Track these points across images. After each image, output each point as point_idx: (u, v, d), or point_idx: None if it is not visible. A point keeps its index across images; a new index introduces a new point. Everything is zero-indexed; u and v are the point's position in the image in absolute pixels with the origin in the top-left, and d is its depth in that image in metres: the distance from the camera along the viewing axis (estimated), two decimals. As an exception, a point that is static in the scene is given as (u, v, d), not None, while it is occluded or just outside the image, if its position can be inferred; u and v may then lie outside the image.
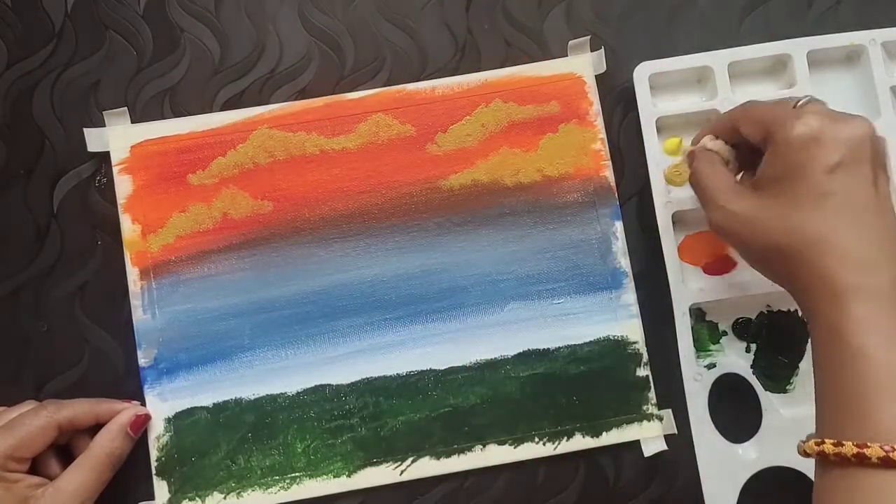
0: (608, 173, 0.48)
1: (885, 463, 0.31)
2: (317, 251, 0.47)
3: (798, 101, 0.37)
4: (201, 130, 0.48)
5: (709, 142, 0.41)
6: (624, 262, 0.48)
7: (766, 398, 0.46)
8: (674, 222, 0.47)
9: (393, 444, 0.46)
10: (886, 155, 0.38)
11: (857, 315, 0.34)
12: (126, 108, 0.48)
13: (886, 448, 0.32)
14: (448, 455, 0.46)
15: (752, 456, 0.45)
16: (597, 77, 0.49)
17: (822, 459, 0.34)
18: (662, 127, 0.48)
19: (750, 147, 0.39)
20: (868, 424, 0.33)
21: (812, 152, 0.35)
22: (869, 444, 0.32)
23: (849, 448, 0.32)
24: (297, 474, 0.46)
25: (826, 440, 0.33)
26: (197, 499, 0.46)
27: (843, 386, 0.34)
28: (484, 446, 0.46)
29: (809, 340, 0.39)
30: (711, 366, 0.46)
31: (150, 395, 0.46)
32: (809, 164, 0.35)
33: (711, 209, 0.39)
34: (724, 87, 0.47)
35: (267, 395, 0.47)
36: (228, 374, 0.47)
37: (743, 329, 0.48)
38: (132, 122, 0.48)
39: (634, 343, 0.47)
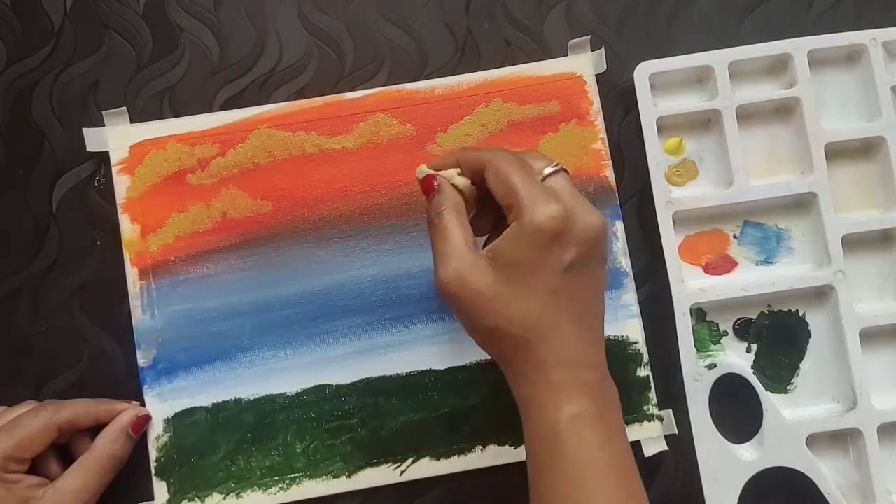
0: (608, 173, 0.48)
1: None
2: (317, 251, 0.47)
3: (545, 174, 0.37)
4: (201, 130, 0.48)
5: (457, 176, 0.38)
6: (624, 262, 0.48)
7: (767, 398, 0.46)
8: (674, 222, 0.47)
9: (393, 444, 0.46)
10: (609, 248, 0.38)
11: (573, 412, 0.35)
12: (125, 107, 0.48)
13: None
14: (448, 455, 0.46)
15: (753, 456, 0.45)
16: (597, 77, 0.49)
17: None
18: (663, 127, 0.48)
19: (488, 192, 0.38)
20: None
21: (552, 248, 0.35)
22: None
23: None
24: (297, 475, 0.46)
25: None
26: (196, 499, 0.46)
27: (559, 485, 0.35)
28: (484, 446, 0.46)
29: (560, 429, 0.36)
30: (712, 366, 0.46)
31: (149, 396, 0.46)
32: (548, 260, 0.35)
33: (444, 268, 0.36)
34: (725, 87, 0.47)
35: (266, 395, 0.46)
36: (228, 375, 0.47)
37: (743, 329, 0.47)
38: (131, 121, 0.48)
39: (635, 343, 0.47)
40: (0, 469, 0.40)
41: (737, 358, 0.47)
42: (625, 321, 0.47)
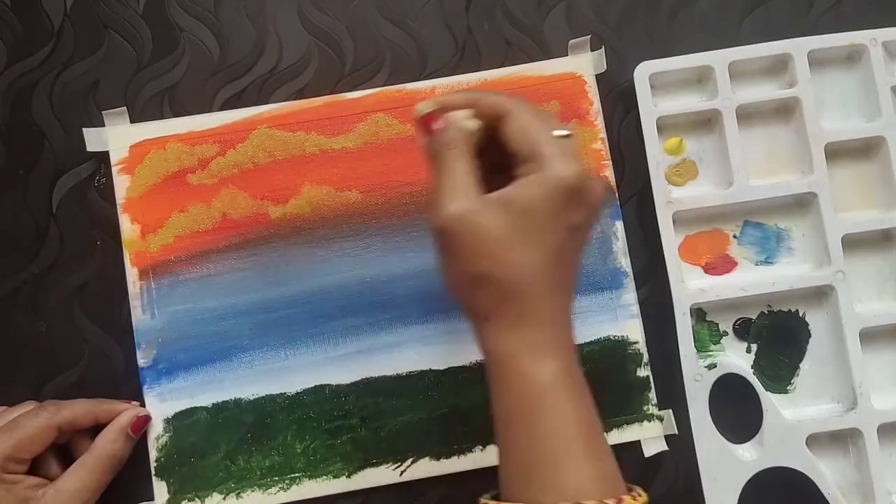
0: (608, 173, 0.48)
1: None
2: (317, 251, 0.47)
3: (558, 134, 0.36)
4: (201, 130, 0.48)
5: (467, 120, 0.36)
6: (624, 262, 0.48)
7: (767, 398, 0.46)
8: (674, 222, 0.47)
9: (393, 444, 0.46)
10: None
11: (554, 369, 0.35)
12: (125, 107, 0.48)
13: None
14: (448, 455, 0.46)
15: (753, 456, 0.45)
16: (597, 77, 0.49)
17: None
18: (663, 127, 0.48)
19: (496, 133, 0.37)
20: (558, 485, 0.33)
21: (567, 205, 0.35)
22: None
23: None
24: (297, 475, 0.46)
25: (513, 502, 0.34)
26: (196, 499, 0.46)
27: (534, 443, 0.35)
28: (484, 446, 0.46)
29: (525, 386, 0.35)
30: (712, 366, 0.46)
31: (149, 396, 0.46)
32: (560, 216, 0.35)
33: (449, 204, 0.34)
34: (725, 87, 0.47)
35: (266, 395, 0.46)
36: (228, 375, 0.46)
37: (743, 329, 0.47)
38: (131, 121, 0.48)
39: (635, 343, 0.47)
40: (0, 469, 0.40)
41: (737, 358, 0.47)
42: (625, 321, 0.47)
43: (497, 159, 0.36)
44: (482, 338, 0.37)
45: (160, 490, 0.46)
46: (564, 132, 0.36)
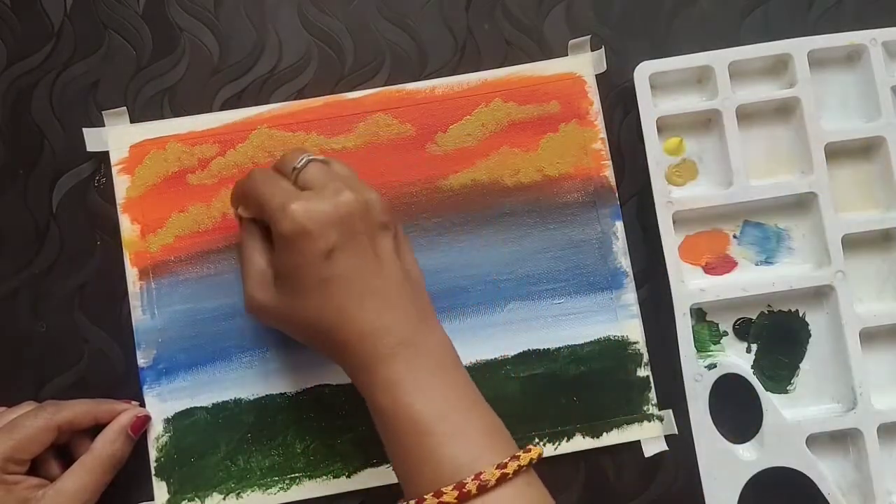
0: (608, 173, 0.48)
1: (462, 498, 0.34)
2: (316, 251, 0.47)
3: (296, 168, 0.39)
4: (200, 130, 0.48)
5: (243, 211, 0.41)
6: (624, 262, 0.48)
7: (767, 399, 0.46)
8: (674, 222, 0.47)
9: (393, 444, 0.46)
10: (384, 211, 0.39)
11: (389, 378, 0.37)
12: (125, 107, 0.48)
13: (458, 485, 0.34)
14: (448, 455, 0.46)
15: (753, 456, 0.45)
16: (597, 77, 0.49)
17: None
18: (663, 127, 0.48)
19: None
20: (436, 473, 0.35)
21: (303, 246, 0.37)
22: (443, 489, 0.34)
23: (431, 501, 0.34)
24: (297, 475, 0.46)
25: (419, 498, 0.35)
26: (196, 499, 0.46)
27: (405, 449, 0.36)
28: (484, 447, 0.46)
29: None
30: (712, 366, 0.46)
31: (149, 396, 0.46)
32: (305, 257, 0.37)
33: (246, 296, 0.40)
34: (725, 87, 0.47)
35: (266, 395, 0.46)
36: (228, 375, 0.46)
37: (743, 329, 0.47)
38: (131, 121, 0.48)
39: (635, 343, 0.47)
40: (0, 470, 0.40)
41: (737, 358, 0.47)
42: (625, 321, 0.47)
43: None
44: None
45: (160, 490, 0.46)
46: (301, 164, 0.39)
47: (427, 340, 0.39)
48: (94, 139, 0.48)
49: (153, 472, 0.46)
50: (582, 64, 0.49)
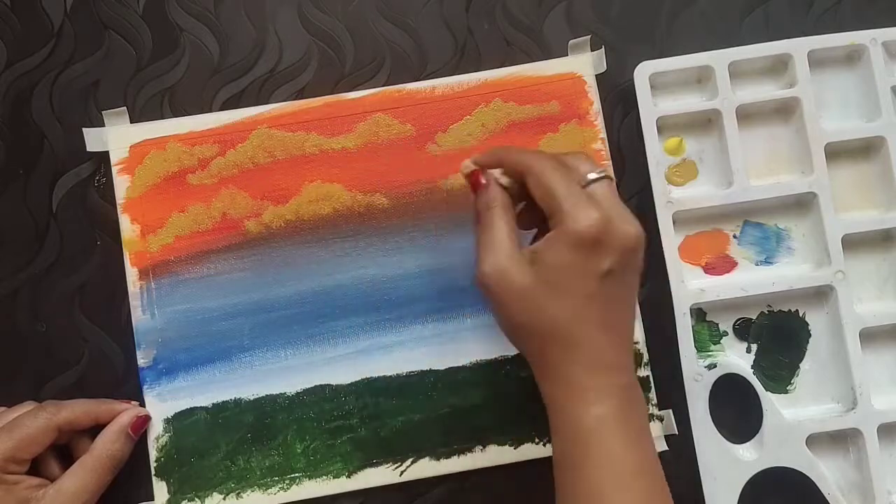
0: (608, 173, 0.48)
1: None
2: (317, 251, 0.47)
3: (589, 180, 0.37)
4: (200, 130, 0.48)
5: (501, 176, 0.39)
6: (624, 262, 0.47)
7: (767, 398, 0.46)
8: (674, 222, 0.47)
9: (393, 444, 0.46)
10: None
11: (599, 414, 0.36)
12: (125, 107, 0.48)
13: None
14: (448, 455, 0.46)
15: (753, 456, 0.45)
16: (597, 77, 0.49)
17: None
18: (663, 127, 0.48)
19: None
20: None
21: (590, 255, 0.36)
22: None
23: None
24: (297, 475, 0.46)
25: None
26: (196, 499, 0.46)
27: (582, 484, 0.36)
28: (484, 446, 0.46)
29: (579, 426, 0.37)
30: (712, 366, 0.46)
31: (149, 396, 0.46)
32: (586, 266, 0.36)
33: (486, 261, 0.37)
34: (725, 86, 0.47)
35: (266, 395, 0.46)
36: (228, 375, 0.46)
37: (743, 329, 0.47)
38: (131, 121, 0.48)
39: (635, 343, 0.47)
40: (0, 470, 0.40)
41: (737, 358, 0.47)
42: (625, 321, 0.47)
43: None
44: (536, 377, 0.38)
45: (160, 490, 0.46)
46: (597, 175, 0.37)
47: (640, 395, 0.38)
48: (94, 139, 0.48)
49: (153, 472, 0.46)
50: (582, 64, 0.49)
